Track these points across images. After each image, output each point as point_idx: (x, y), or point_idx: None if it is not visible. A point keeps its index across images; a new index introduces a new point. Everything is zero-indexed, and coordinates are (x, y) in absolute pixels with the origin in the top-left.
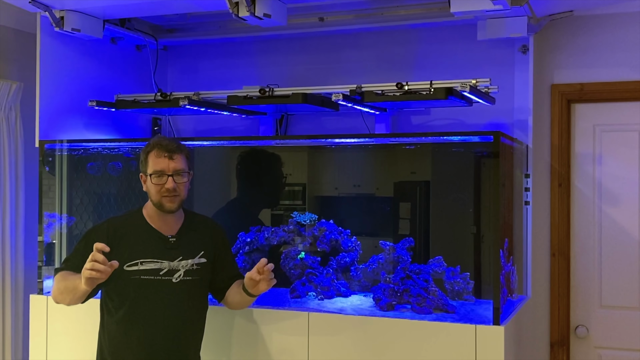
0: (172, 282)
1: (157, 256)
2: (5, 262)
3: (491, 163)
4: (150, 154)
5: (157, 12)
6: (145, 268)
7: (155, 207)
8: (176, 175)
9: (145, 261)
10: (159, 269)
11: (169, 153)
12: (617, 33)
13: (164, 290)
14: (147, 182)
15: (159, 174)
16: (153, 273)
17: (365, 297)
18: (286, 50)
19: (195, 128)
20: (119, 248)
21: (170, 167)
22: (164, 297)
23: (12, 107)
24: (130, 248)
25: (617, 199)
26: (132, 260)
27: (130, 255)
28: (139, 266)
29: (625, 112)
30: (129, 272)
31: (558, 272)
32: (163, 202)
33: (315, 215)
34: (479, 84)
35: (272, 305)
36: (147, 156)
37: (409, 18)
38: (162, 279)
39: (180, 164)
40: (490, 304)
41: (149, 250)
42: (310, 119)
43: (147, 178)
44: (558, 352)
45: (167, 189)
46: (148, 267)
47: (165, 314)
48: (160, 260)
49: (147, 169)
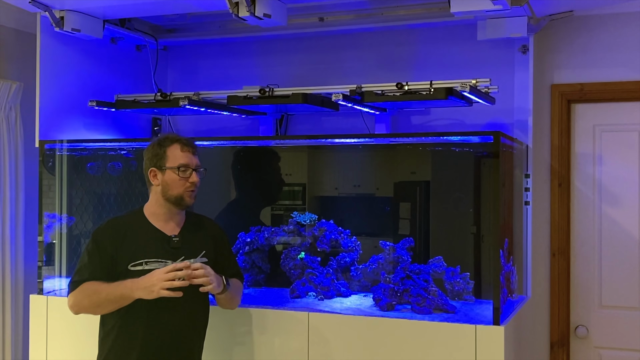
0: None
1: (161, 256)
2: (5, 262)
3: (491, 163)
4: (170, 148)
5: (157, 12)
6: (149, 268)
7: (171, 202)
8: (197, 171)
9: (149, 261)
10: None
11: (192, 148)
12: (617, 33)
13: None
14: (167, 175)
15: (185, 168)
16: None
17: (365, 297)
18: (286, 50)
19: (195, 128)
20: (123, 248)
21: (193, 162)
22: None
23: (12, 107)
24: (135, 248)
25: (617, 199)
26: (136, 260)
27: (134, 255)
28: (143, 266)
29: (625, 112)
30: (133, 272)
31: (558, 272)
32: (185, 196)
33: (315, 215)
34: (479, 84)
35: (272, 305)
36: (167, 150)
37: (409, 18)
38: None
39: (199, 161)
40: (490, 304)
41: (152, 250)
42: (310, 119)
43: (164, 172)
44: (558, 352)
45: (192, 183)
46: (152, 266)
47: (169, 314)
48: (164, 260)
49: (167, 163)
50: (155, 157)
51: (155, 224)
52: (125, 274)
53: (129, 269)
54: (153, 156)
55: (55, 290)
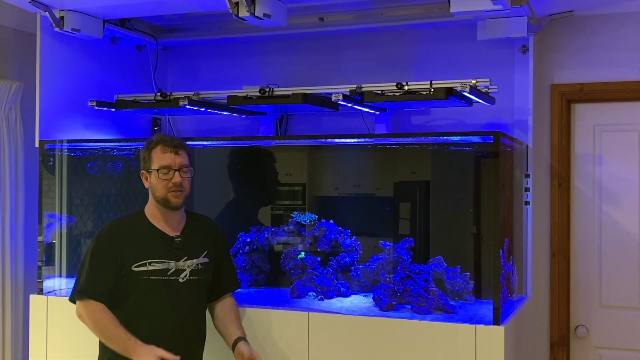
0: (179, 282)
1: (164, 256)
2: (5, 262)
3: (491, 163)
4: (154, 150)
5: (157, 12)
6: (153, 268)
7: (160, 204)
8: (182, 171)
9: (153, 262)
10: (167, 269)
11: (174, 148)
12: (617, 33)
13: (171, 290)
14: (152, 178)
15: (166, 169)
16: (161, 273)
17: (365, 297)
18: (286, 50)
19: (195, 128)
20: (126, 249)
21: (176, 162)
22: (172, 297)
23: (12, 107)
24: (137, 249)
25: (617, 199)
26: (139, 260)
27: (137, 256)
28: (147, 267)
29: (625, 112)
30: (137, 272)
31: (558, 272)
32: (169, 197)
33: (315, 215)
34: (479, 84)
35: (272, 305)
36: (151, 152)
37: (409, 18)
38: (170, 279)
39: (185, 160)
40: (490, 304)
41: (155, 251)
42: (310, 119)
43: (151, 175)
44: (558, 352)
45: (175, 184)
46: (156, 267)
47: (172, 313)
48: (167, 260)
49: (152, 165)
50: (143, 160)
51: (156, 224)
52: (129, 274)
53: (133, 269)
54: (142, 159)
55: (55, 290)
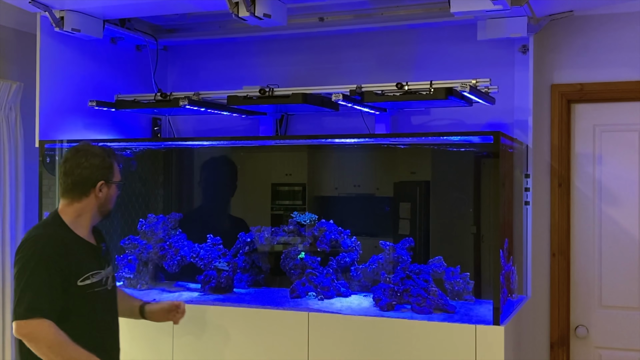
0: (109, 289)
1: (98, 266)
2: (5, 262)
3: (491, 163)
4: (114, 162)
5: (157, 12)
6: (95, 280)
7: (100, 215)
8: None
9: (94, 273)
10: (102, 279)
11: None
12: (617, 33)
13: (109, 300)
14: (111, 190)
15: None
16: (100, 285)
17: (365, 297)
18: (286, 50)
19: (195, 128)
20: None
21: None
22: (111, 307)
23: (12, 107)
24: (77, 262)
25: (617, 199)
26: (82, 274)
27: (78, 270)
28: (90, 279)
29: (625, 112)
30: (83, 286)
31: (558, 272)
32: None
33: (315, 215)
34: (479, 84)
35: (272, 305)
36: (112, 164)
37: (409, 18)
38: (108, 289)
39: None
40: (490, 304)
41: (92, 263)
42: (310, 119)
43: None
44: (558, 352)
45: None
46: (96, 279)
47: (113, 323)
48: (100, 270)
49: (114, 177)
50: (103, 169)
51: (81, 235)
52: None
53: (79, 284)
54: (102, 168)
55: None
